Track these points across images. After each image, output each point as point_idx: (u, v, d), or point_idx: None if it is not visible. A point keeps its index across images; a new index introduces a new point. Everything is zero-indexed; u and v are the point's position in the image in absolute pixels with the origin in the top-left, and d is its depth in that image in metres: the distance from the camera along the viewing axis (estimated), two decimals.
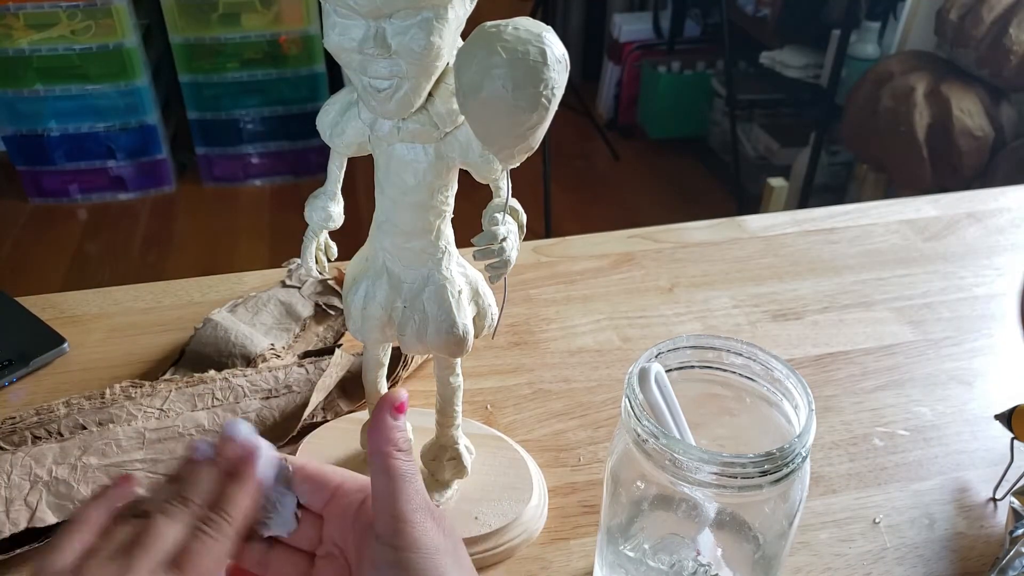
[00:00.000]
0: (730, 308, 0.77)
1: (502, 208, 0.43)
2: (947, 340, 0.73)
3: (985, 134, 1.76)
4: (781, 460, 0.39)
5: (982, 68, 1.76)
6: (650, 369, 0.44)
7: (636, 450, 0.43)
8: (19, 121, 2.30)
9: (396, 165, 0.44)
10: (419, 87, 0.40)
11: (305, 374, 0.64)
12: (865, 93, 1.89)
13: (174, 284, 0.78)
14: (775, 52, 2.33)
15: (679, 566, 0.45)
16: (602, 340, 0.72)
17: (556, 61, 0.37)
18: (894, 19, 2.05)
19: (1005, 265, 0.84)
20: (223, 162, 2.52)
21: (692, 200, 2.52)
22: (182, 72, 2.35)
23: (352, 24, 0.39)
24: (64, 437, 0.59)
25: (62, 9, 2.18)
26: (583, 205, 2.49)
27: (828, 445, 0.63)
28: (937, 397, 0.67)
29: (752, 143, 2.46)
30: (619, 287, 0.79)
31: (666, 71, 2.67)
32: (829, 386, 0.68)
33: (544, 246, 0.85)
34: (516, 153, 0.40)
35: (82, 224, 2.37)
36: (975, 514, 0.58)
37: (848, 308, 0.77)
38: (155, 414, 0.60)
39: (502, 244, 0.43)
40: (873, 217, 0.91)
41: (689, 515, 0.44)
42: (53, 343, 0.69)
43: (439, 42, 0.39)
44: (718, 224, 0.89)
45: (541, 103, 0.37)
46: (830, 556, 0.55)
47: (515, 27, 0.37)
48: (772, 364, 0.45)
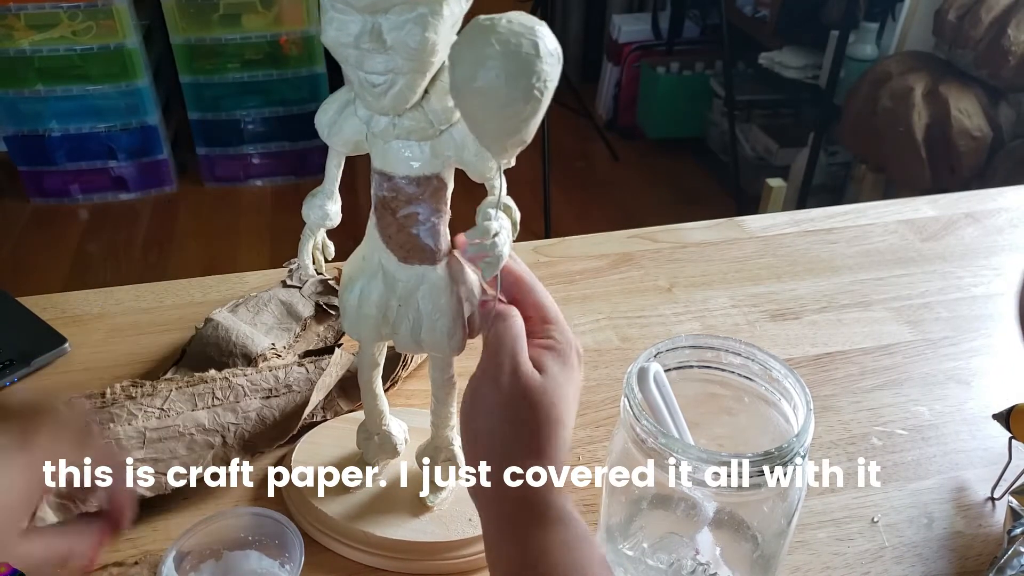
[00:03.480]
0: (729, 308, 0.77)
1: (495, 204, 0.44)
2: (945, 340, 0.74)
3: (983, 134, 1.76)
4: (779, 459, 0.40)
5: (980, 68, 1.76)
6: (649, 369, 0.44)
7: (635, 449, 0.43)
8: (20, 121, 2.30)
9: (392, 162, 0.44)
10: (414, 83, 0.41)
11: (305, 373, 0.64)
12: (864, 94, 1.89)
13: (175, 284, 0.78)
14: (774, 53, 2.33)
15: (678, 565, 0.45)
16: (601, 340, 0.73)
17: (549, 54, 0.37)
18: (892, 20, 2.05)
19: (1003, 265, 0.84)
20: (224, 162, 2.52)
21: (691, 200, 2.52)
22: (183, 72, 2.35)
23: (348, 19, 0.39)
24: None
25: (63, 10, 2.18)
26: (583, 205, 2.49)
27: (826, 444, 0.63)
28: (935, 397, 0.67)
29: (751, 143, 2.46)
30: (618, 287, 0.79)
31: (665, 72, 2.67)
32: (827, 386, 0.68)
33: (544, 246, 0.85)
34: (509, 147, 0.40)
35: (83, 224, 2.38)
36: (973, 513, 0.58)
37: (846, 308, 0.77)
38: (156, 413, 0.60)
39: (494, 239, 0.43)
40: (871, 217, 0.91)
41: (688, 514, 0.45)
42: (54, 343, 0.69)
43: (434, 38, 0.39)
44: (717, 224, 0.90)
45: (534, 95, 0.38)
46: (828, 555, 0.55)
47: (508, 20, 0.37)
48: (770, 364, 0.45)
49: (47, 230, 2.34)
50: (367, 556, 0.53)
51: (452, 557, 0.53)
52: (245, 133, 2.48)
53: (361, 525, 0.53)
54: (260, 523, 0.49)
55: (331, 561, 0.53)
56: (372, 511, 0.54)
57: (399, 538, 0.53)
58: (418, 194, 0.45)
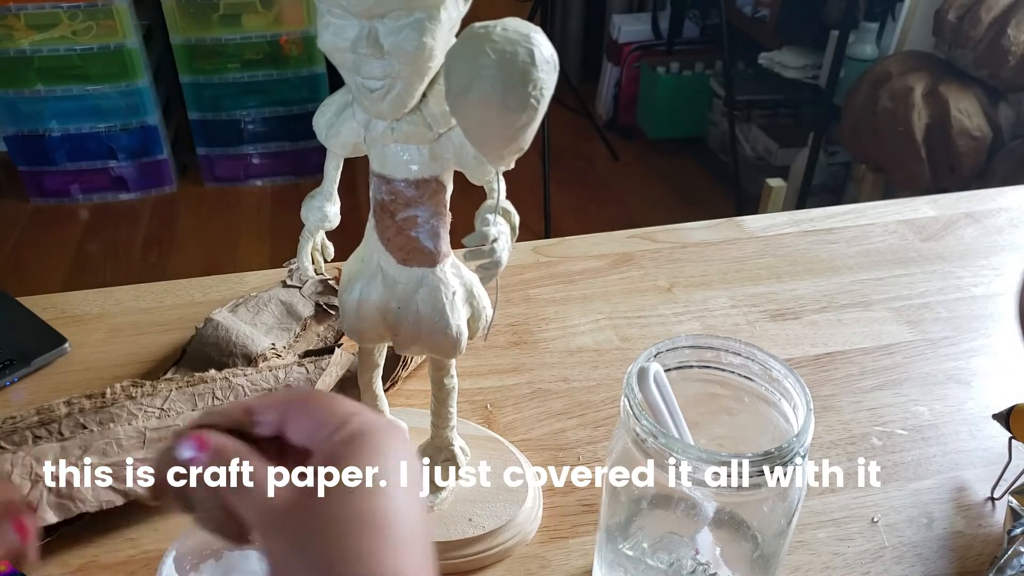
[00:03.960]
0: (729, 308, 0.77)
1: (494, 209, 0.44)
2: (945, 340, 0.74)
3: (983, 134, 1.76)
4: (779, 459, 0.40)
5: (980, 68, 1.76)
6: (649, 369, 0.44)
7: (635, 449, 0.43)
8: (20, 121, 2.30)
9: (390, 166, 0.44)
10: (412, 88, 0.41)
11: (305, 373, 0.64)
12: (863, 94, 1.89)
13: (175, 284, 0.78)
14: (774, 53, 2.33)
15: (678, 565, 0.45)
16: (601, 340, 0.73)
17: (544, 61, 0.37)
18: (892, 20, 2.05)
19: (1003, 265, 0.84)
20: (224, 162, 2.52)
21: (691, 200, 2.52)
22: (183, 72, 2.35)
23: (345, 24, 0.39)
24: (65, 437, 0.59)
25: (63, 10, 2.18)
26: (582, 205, 2.49)
27: (826, 444, 0.63)
28: (935, 397, 0.68)
29: (751, 143, 2.46)
30: (618, 287, 0.79)
31: (665, 72, 2.67)
32: (827, 386, 0.68)
33: (543, 246, 0.85)
34: (506, 154, 0.40)
35: (83, 224, 2.38)
36: (973, 513, 0.58)
37: (846, 308, 0.77)
38: (156, 413, 0.60)
39: (493, 245, 0.43)
40: (871, 217, 0.91)
41: (688, 514, 0.45)
42: (54, 343, 0.69)
43: (432, 43, 0.39)
44: (717, 224, 0.90)
45: (530, 104, 0.37)
46: (828, 555, 0.55)
47: (503, 28, 0.37)
48: (770, 364, 0.45)
49: (47, 230, 2.34)
50: None
51: (452, 557, 0.53)
52: (245, 133, 2.48)
53: None
54: None
55: None
56: None
57: None
58: (417, 197, 0.45)
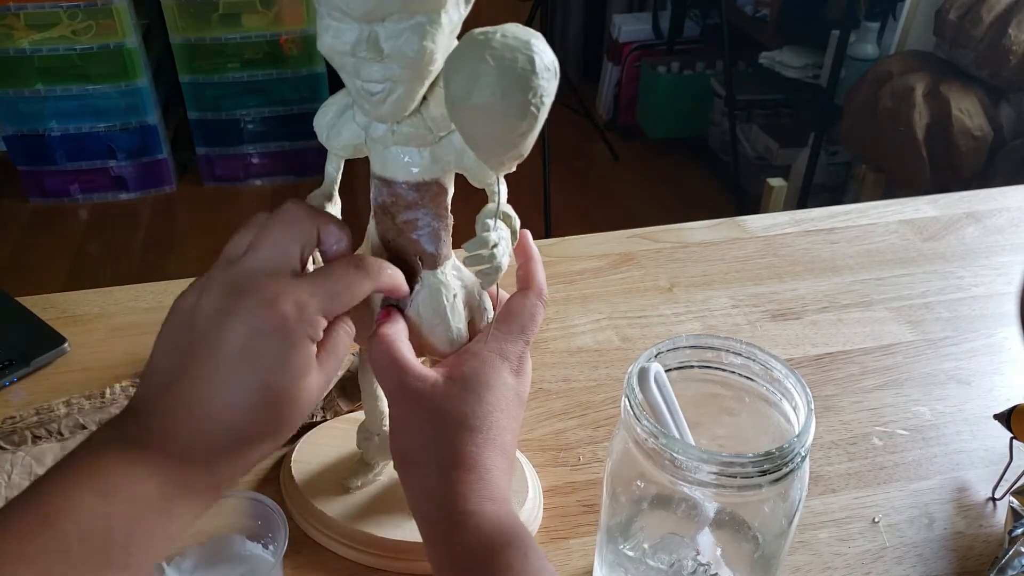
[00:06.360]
0: (729, 308, 0.77)
1: (494, 214, 0.43)
2: (946, 340, 0.74)
3: (984, 134, 1.76)
4: (780, 460, 0.40)
5: (981, 68, 1.76)
6: (649, 369, 0.44)
7: (636, 450, 0.43)
8: (20, 121, 2.30)
9: (391, 168, 0.44)
10: (412, 91, 0.40)
11: None
12: (864, 93, 1.89)
13: (175, 284, 0.78)
14: (774, 52, 2.33)
15: (679, 565, 0.45)
16: (602, 340, 0.73)
17: (545, 69, 0.37)
18: (893, 19, 2.05)
19: (1004, 265, 0.84)
20: (224, 162, 2.52)
21: (692, 200, 2.52)
22: (182, 72, 2.35)
23: (345, 27, 0.39)
24: (64, 437, 0.59)
25: (63, 9, 2.18)
26: (583, 205, 2.49)
27: (827, 445, 0.63)
28: (936, 397, 0.67)
29: (751, 143, 2.46)
30: (619, 287, 0.79)
31: (665, 71, 2.67)
32: (828, 386, 0.68)
33: (544, 246, 0.85)
34: (506, 160, 0.40)
35: (83, 224, 2.38)
36: (974, 513, 0.58)
37: (847, 308, 0.77)
38: None
39: (493, 250, 0.43)
40: (872, 217, 0.91)
41: (689, 514, 0.45)
42: (54, 343, 0.69)
43: (432, 46, 0.39)
44: (717, 224, 0.89)
45: (530, 111, 0.37)
46: (829, 555, 0.55)
47: (503, 34, 0.37)
48: (771, 364, 0.45)
49: (47, 230, 2.34)
50: (367, 556, 0.53)
51: None
52: (245, 133, 2.48)
53: (361, 525, 0.53)
54: (240, 505, 0.48)
55: (331, 561, 0.53)
56: (372, 511, 0.54)
57: (399, 538, 0.53)
58: (418, 199, 0.45)
